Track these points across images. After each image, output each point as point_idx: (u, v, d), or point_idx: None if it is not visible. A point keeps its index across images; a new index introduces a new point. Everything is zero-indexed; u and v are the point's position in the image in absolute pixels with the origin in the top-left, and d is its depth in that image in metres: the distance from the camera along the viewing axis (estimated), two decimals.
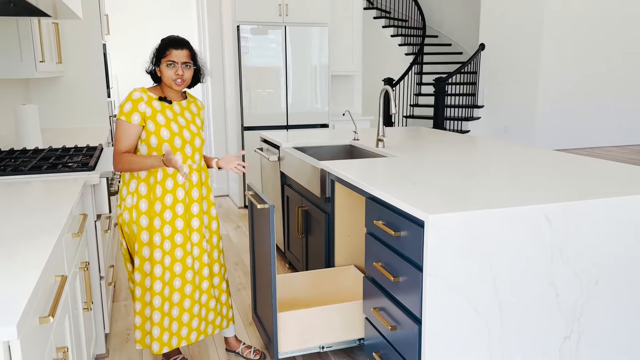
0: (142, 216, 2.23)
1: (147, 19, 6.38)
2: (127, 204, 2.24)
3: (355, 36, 5.55)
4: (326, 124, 5.22)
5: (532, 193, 1.98)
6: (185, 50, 2.22)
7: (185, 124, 2.27)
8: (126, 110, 2.16)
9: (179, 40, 2.25)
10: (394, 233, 1.94)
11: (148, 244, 2.24)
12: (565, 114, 8.53)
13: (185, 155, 2.25)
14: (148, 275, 2.27)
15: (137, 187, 2.24)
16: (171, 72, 2.19)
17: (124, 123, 2.17)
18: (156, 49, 2.25)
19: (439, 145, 3.25)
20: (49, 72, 3.55)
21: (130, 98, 2.19)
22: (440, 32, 10.68)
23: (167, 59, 2.19)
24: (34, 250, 1.42)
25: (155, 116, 2.19)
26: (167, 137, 2.19)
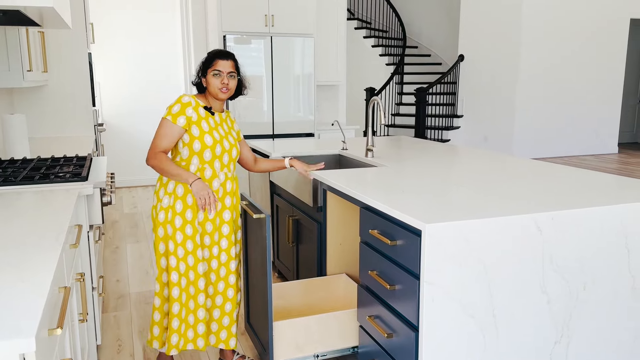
0: (177, 217, 2.29)
1: (131, 27, 6.36)
2: (163, 204, 2.31)
3: (340, 46, 5.62)
4: (312, 133, 5.26)
5: (521, 202, 2.04)
6: (231, 61, 2.33)
7: (225, 134, 2.37)
8: (174, 112, 2.25)
9: (224, 51, 2.36)
10: (391, 242, 1.98)
11: (182, 244, 2.31)
12: (542, 123, 8.73)
13: (223, 163, 2.35)
14: (183, 276, 2.33)
15: (174, 189, 2.30)
16: (217, 82, 2.29)
17: (169, 123, 2.25)
18: (202, 62, 2.36)
19: (426, 154, 3.32)
20: (35, 81, 3.52)
21: (180, 101, 2.28)
22: (420, 43, 10.84)
23: (213, 69, 2.30)
24: (40, 261, 1.42)
25: (200, 122, 2.28)
26: (210, 143, 2.28)
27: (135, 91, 6.50)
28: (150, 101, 6.56)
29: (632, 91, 10.84)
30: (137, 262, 3.98)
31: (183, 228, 2.30)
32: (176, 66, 6.58)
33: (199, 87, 2.41)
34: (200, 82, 2.39)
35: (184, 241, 2.30)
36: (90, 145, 3.81)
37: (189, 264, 2.32)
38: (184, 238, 2.30)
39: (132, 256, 4.12)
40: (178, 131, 2.25)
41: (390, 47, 9.99)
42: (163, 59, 6.54)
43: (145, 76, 6.50)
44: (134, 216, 5.31)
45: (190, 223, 2.30)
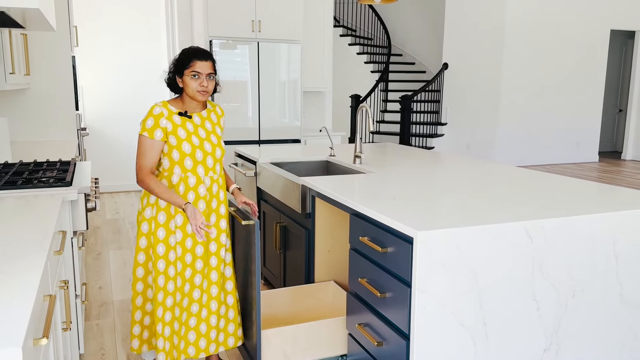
0: (160, 228, 2.25)
1: (116, 31, 6.29)
2: (146, 215, 2.27)
3: (326, 53, 5.63)
4: (298, 140, 5.24)
5: (511, 210, 2.04)
6: (210, 62, 2.24)
7: (206, 135, 2.29)
8: (148, 127, 2.19)
9: (203, 51, 2.25)
10: (381, 249, 1.97)
11: (164, 257, 2.25)
12: (524, 131, 8.83)
13: (207, 167, 2.29)
14: (161, 289, 2.26)
15: (157, 200, 2.25)
16: (196, 84, 2.20)
17: (146, 139, 2.19)
18: (176, 60, 2.26)
19: (413, 161, 3.32)
20: (17, 84, 3.45)
21: (151, 114, 2.20)
22: (404, 51, 10.92)
23: (191, 70, 2.19)
24: (25, 268, 1.38)
25: (176, 130, 2.22)
26: (188, 151, 2.22)
27: (119, 96, 6.43)
28: (134, 106, 6.49)
29: (612, 101, 11.03)
30: (120, 269, 3.91)
31: (166, 239, 2.26)
32: (161, 70, 6.52)
33: (173, 86, 2.31)
34: (174, 82, 2.29)
35: (166, 253, 2.26)
36: (73, 150, 3.74)
37: (170, 275, 2.27)
38: (166, 249, 2.25)
39: (114, 263, 4.05)
40: (159, 145, 2.21)
41: (376, 55, 10.04)
42: (148, 63, 6.48)
43: (129, 80, 6.43)
44: (117, 222, 5.23)
45: (173, 233, 2.26)
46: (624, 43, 10.66)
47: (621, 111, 11.12)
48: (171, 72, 2.29)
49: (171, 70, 2.28)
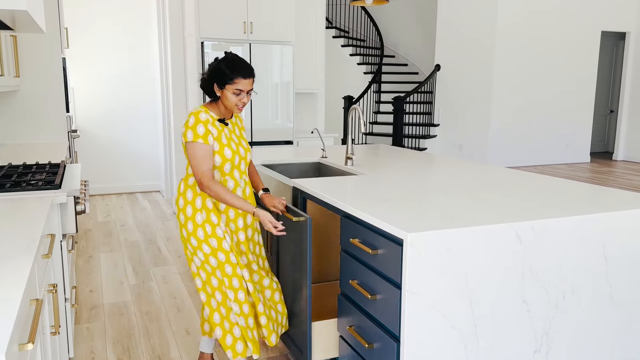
0: (217, 227, 2.27)
1: (106, 32, 6.26)
2: (197, 221, 2.26)
3: (318, 54, 5.62)
4: (291, 141, 5.24)
5: (501, 211, 2.05)
6: (252, 79, 2.25)
7: (238, 140, 2.36)
8: (201, 133, 2.19)
9: (248, 67, 2.24)
10: (372, 251, 1.96)
11: (230, 251, 2.29)
12: (515, 133, 8.87)
13: (241, 170, 2.35)
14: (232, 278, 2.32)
15: (203, 203, 2.27)
16: (236, 99, 2.22)
17: (202, 145, 2.20)
18: (218, 69, 2.22)
19: (405, 162, 3.32)
20: (7, 86, 3.43)
21: (199, 120, 2.20)
22: (397, 53, 10.94)
23: (234, 87, 2.20)
24: (11, 272, 1.37)
25: (220, 137, 2.25)
26: (229, 156, 2.27)
27: (110, 97, 6.40)
28: (125, 108, 6.46)
29: (603, 102, 11.10)
30: (111, 272, 3.89)
31: (222, 238, 2.28)
32: (152, 72, 6.50)
33: (209, 92, 2.30)
34: (212, 89, 2.27)
35: (229, 252, 2.28)
36: (63, 152, 3.72)
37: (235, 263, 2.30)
38: (225, 245, 2.28)
39: (105, 266, 4.03)
40: (211, 149, 2.23)
41: (368, 56, 10.05)
42: (139, 65, 6.46)
43: (120, 82, 6.41)
44: (108, 225, 5.20)
45: (217, 226, 2.28)
46: (615, 44, 10.73)
47: (612, 112, 11.19)
48: (209, 78, 2.26)
49: (209, 76, 2.25)
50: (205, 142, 2.20)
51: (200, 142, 2.19)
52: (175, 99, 5.39)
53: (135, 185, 6.72)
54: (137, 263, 4.09)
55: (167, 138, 5.96)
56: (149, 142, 6.65)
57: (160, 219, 5.41)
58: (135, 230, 4.98)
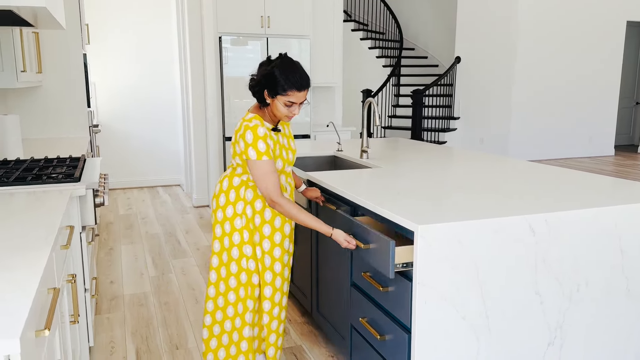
0: (265, 240, 2.24)
1: (127, 28, 6.35)
2: (236, 225, 2.21)
3: (336, 48, 5.62)
4: (308, 135, 5.25)
5: (515, 203, 2.03)
6: (307, 90, 2.12)
7: (287, 143, 2.28)
8: (263, 150, 2.08)
9: (303, 78, 2.09)
10: (362, 246, 1.97)
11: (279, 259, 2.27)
12: (538, 125, 8.74)
13: (287, 174, 2.28)
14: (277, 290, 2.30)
15: (244, 209, 2.20)
16: (287, 110, 2.11)
17: (267, 162, 2.09)
18: (272, 76, 2.07)
19: (421, 156, 3.31)
20: (29, 82, 3.51)
21: (258, 136, 2.08)
22: (416, 45, 10.85)
23: (286, 99, 2.08)
24: (29, 262, 1.41)
25: (275, 149, 2.18)
26: (280, 166, 2.21)
27: (131, 92, 6.49)
28: (146, 103, 6.55)
29: (628, 94, 10.87)
30: (131, 264, 3.96)
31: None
32: (172, 67, 6.57)
33: (259, 98, 2.16)
34: (262, 95, 2.14)
35: (281, 256, 2.28)
36: (84, 146, 3.79)
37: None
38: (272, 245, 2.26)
39: (126, 257, 4.11)
40: (274, 162, 2.13)
41: (387, 49, 10.00)
42: (159, 59, 6.53)
43: (141, 77, 6.49)
44: (129, 217, 5.29)
45: (268, 238, 2.25)
46: None
47: (638, 104, 10.94)
48: (260, 83, 2.12)
49: (262, 82, 2.11)
50: (269, 157, 2.09)
51: (265, 159, 2.08)
52: (194, 94, 5.45)
53: (156, 179, 6.81)
54: (157, 255, 4.16)
55: (186, 133, 6.03)
56: (170, 137, 6.74)
57: (180, 212, 5.48)
58: (155, 223, 5.06)
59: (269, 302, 2.31)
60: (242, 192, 2.21)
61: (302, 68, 2.14)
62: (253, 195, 2.21)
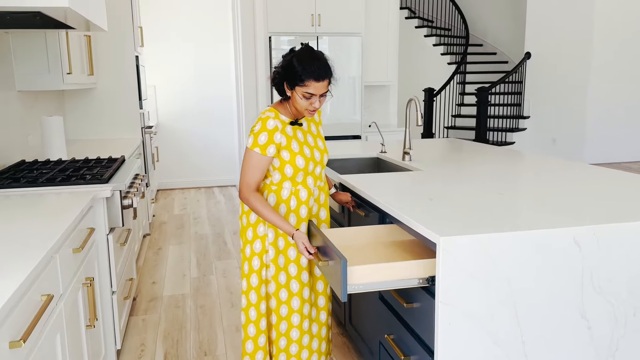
0: (280, 256, 2.11)
1: (185, 30, 6.46)
2: (259, 232, 2.11)
3: (391, 46, 5.42)
4: (359, 136, 5.09)
5: (559, 214, 1.79)
6: (327, 80, 1.96)
7: (314, 142, 2.11)
8: (261, 143, 1.97)
9: (322, 67, 1.94)
10: (321, 262, 1.79)
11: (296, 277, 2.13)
12: (616, 125, 8.09)
13: (315, 176, 2.11)
14: (295, 312, 2.15)
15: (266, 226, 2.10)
16: (306, 103, 1.96)
17: (257, 155, 1.99)
18: (290, 67, 1.95)
19: (472, 159, 3.07)
20: (78, 83, 3.59)
21: (265, 127, 1.97)
22: (485, 41, 10.38)
23: (305, 91, 1.93)
24: (16, 267, 1.36)
25: (290, 144, 2.02)
26: (302, 165, 2.04)
27: (190, 94, 6.60)
28: (204, 104, 6.63)
29: None
30: (176, 265, 3.97)
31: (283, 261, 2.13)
32: (229, 67, 6.61)
33: (280, 90, 2.04)
34: (282, 87, 2.01)
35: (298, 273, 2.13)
36: (131, 148, 3.84)
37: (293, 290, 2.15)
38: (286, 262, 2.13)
39: (172, 258, 4.13)
40: (268, 161, 2.01)
41: (453, 46, 9.62)
42: (216, 60, 6.59)
43: (199, 79, 6.58)
44: (182, 217, 5.35)
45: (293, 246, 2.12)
46: None
47: None
48: (280, 75, 2.00)
49: (281, 73, 2.00)
50: (263, 152, 1.98)
51: (256, 151, 1.98)
52: (247, 94, 5.43)
53: (213, 180, 6.88)
54: (202, 256, 4.15)
55: (241, 133, 6.04)
56: (227, 138, 6.79)
57: (231, 212, 5.49)
58: (206, 224, 5.08)
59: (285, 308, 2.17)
60: (264, 197, 2.10)
61: (324, 58, 1.99)
62: (276, 200, 2.09)
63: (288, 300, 2.13)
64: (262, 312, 2.15)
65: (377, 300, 2.20)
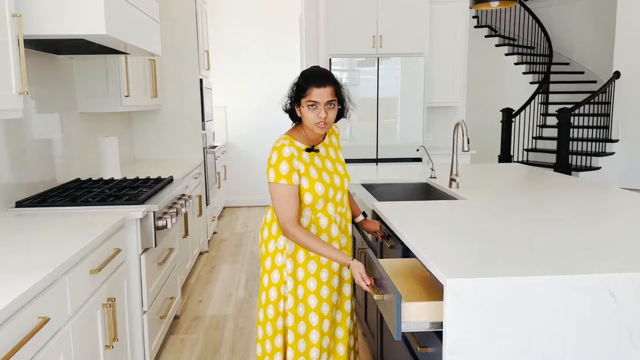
0: (289, 277, 2.03)
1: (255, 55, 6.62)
2: (277, 263, 2.04)
3: (458, 66, 5.22)
4: (419, 158, 4.92)
5: (596, 257, 1.58)
6: (329, 87, 1.91)
7: (333, 167, 2.05)
8: (285, 172, 1.91)
9: (321, 75, 1.93)
10: (376, 295, 1.65)
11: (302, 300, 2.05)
12: None
13: (336, 202, 2.04)
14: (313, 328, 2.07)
15: (285, 245, 2.03)
16: (313, 115, 1.91)
17: (285, 187, 1.92)
18: (295, 85, 1.98)
19: (529, 188, 2.85)
20: (138, 105, 3.74)
21: (282, 157, 1.92)
22: (571, 60, 9.79)
23: (308, 99, 1.90)
24: (11, 287, 1.39)
25: (308, 171, 1.97)
26: (321, 192, 1.97)
27: (258, 115, 6.73)
28: (271, 125, 6.72)
29: None
30: (225, 284, 4.00)
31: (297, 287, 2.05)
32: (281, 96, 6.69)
33: (292, 115, 2.03)
34: (293, 110, 2.01)
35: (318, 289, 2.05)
36: (187, 168, 3.94)
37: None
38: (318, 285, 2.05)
39: (223, 277, 4.17)
40: (297, 189, 1.95)
41: (536, 64, 9.15)
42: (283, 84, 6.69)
43: (266, 101, 6.70)
44: (242, 236, 5.42)
45: (314, 276, 2.03)
46: None
47: None
48: (290, 99, 2.01)
49: (290, 96, 2.00)
50: (289, 182, 1.91)
51: (283, 182, 1.91)
52: None
53: None
54: (252, 276, 4.16)
55: None
56: None
57: None
58: None
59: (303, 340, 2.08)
60: None
61: (324, 69, 1.99)
62: None
63: (306, 334, 2.05)
64: (277, 346, 2.08)
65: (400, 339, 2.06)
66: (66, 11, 2.18)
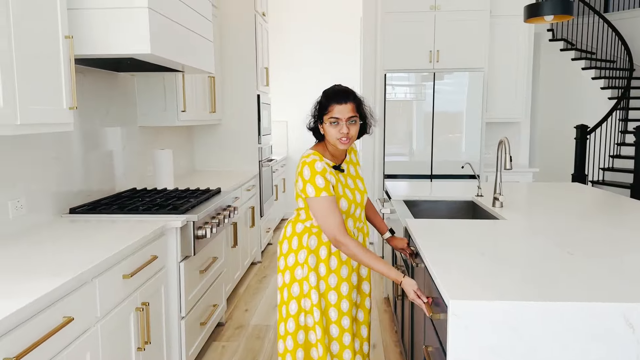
0: (313, 290, 2.04)
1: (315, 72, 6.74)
2: (296, 276, 2.07)
3: (520, 80, 5.05)
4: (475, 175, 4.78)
5: (614, 284, 1.49)
6: (350, 104, 1.96)
7: (353, 184, 2.11)
8: (322, 185, 1.94)
9: (342, 92, 1.99)
10: (430, 313, 1.63)
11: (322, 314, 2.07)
12: None
13: (355, 217, 2.10)
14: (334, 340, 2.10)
15: (306, 258, 2.04)
16: (335, 131, 1.96)
17: (327, 199, 1.94)
18: (318, 103, 2.04)
19: (577, 210, 2.71)
20: (196, 120, 3.92)
21: (316, 171, 1.95)
22: None
23: (330, 116, 1.96)
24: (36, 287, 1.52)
25: (337, 187, 2.02)
26: (345, 207, 2.02)
27: None
28: None
29: None
30: (273, 294, 4.07)
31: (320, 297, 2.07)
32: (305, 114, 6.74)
33: (316, 133, 2.09)
34: (316, 128, 2.07)
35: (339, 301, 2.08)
36: (241, 179, 4.08)
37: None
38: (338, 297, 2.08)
39: (272, 287, 4.24)
40: (335, 200, 1.98)
41: (616, 79, 8.66)
42: None
43: None
44: None
45: (335, 290, 2.07)
46: None
47: None
48: (313, 117, 2.06)
49: (313, 114, 2.06)
50: (329, 193, 1.94)
51: (324, 195, 1.93)
52: None
53: None
54: None
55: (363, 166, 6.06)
56: None
57: None
58: None
59: None
60: (305, 240, 2.06)
61: (346, 87, 2.04)
62: (317, 243, 2.05)
63: (327, 327, 2.08)
64: (298, 359, 2.10)
65: None
66: (114, 32, 2.34)
